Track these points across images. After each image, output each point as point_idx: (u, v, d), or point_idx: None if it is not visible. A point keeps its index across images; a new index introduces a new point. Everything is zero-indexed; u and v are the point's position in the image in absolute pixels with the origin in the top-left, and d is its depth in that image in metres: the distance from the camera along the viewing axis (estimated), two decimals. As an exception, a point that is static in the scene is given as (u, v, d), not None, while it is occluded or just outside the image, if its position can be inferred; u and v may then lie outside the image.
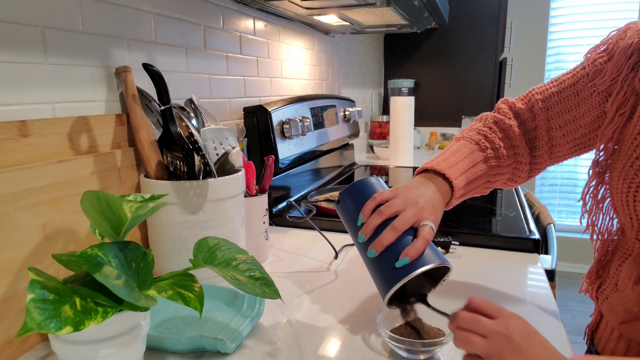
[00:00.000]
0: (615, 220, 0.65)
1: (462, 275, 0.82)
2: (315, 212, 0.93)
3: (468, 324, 0.49)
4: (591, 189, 0.66)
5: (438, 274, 0.62)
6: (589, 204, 0.66)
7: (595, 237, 0.67)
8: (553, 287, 0.84)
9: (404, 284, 0.56)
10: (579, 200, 0.69)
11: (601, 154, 0.63)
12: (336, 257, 0.91)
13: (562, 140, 0.69)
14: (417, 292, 0.62)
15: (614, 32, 0.63)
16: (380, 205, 0.62)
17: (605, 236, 0.66)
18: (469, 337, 0.48)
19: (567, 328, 0.65)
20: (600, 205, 0.65)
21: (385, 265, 0.58)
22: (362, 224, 0.61)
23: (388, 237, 0.58)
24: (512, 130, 0.71)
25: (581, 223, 0.70)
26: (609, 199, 0.64)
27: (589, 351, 0.73)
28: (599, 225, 0.66)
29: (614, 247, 0.65)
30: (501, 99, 0.75)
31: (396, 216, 0.60)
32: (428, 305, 0.58)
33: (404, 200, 0.61)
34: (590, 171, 0.65)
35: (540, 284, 0.78)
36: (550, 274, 0.87)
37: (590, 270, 0.69)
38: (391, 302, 0.58)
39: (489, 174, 0.71)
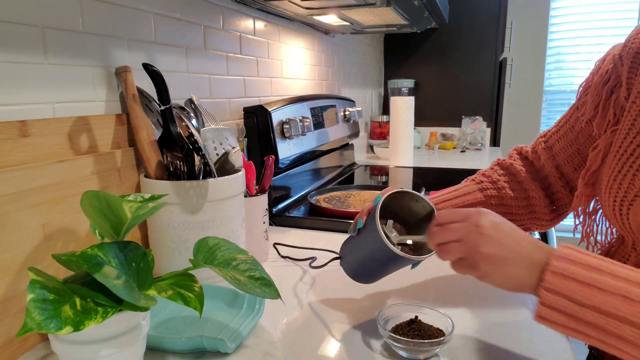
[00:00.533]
0: (614, 228, 0.65)
1: (463, 275, 0.82)
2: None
3: (440, 236, 0.53)
4: (582, 201, 0.67)
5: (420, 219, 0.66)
6: (582, 216, 0.68)
7: (591, 247, 0.68)
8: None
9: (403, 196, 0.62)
10: (570, 211, 0.70)
11: (590, 165, 0.64)
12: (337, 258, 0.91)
13: (575, 174, 0.72)
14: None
15: (598, 62, 0.66)
16: None
17: (605, 242, 0.67)
18: (446, 247, 0.52)
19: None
20: (593, 217, 0.67)
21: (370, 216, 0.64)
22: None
23: (367, 205, 0.67)
24: (513, 167, 0.76)
25: (574, 235, 0.71)
26: (601, 211, 0.65)
27: (590, 355, 0.73)
28: (594, 235, 0.67)
29: (613, 253, 0.65)
30: (514, 147, 0.81)
31: None
32: (408, 233, 0.63)
33: None
34: (579, 182, 0.67)
35: (540, 284, 0.78)
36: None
37: None
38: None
39: (488, 203, 0.74)
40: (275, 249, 0.95)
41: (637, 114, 0.56)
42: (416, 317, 0.61)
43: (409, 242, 0.65)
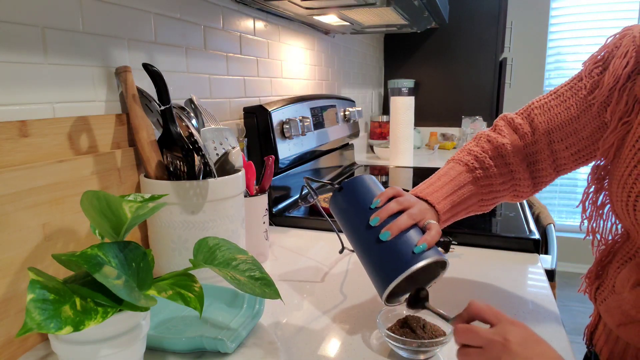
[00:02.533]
0: (619, 224, 0.64)
1: (463, 275, 0.82)
2: (314, 201, 0.90)
3: (465, 338, 0.48)
4: (590, 195, 0.65)
5: (430, 276, 0.62)
6: (589, 210, 0.66)
7: (596, 243, 0.67)
8: (553, 287, 0.84)
9: (408, 276, 0.56)
10: (577, 206, 0.69)
11: (602, 159, 0.62)
12: (341, 251, 0.91)
13: (566, 153, 0.69)
14: (410, 289, 0.62)
15: (611, 39, 0.63)
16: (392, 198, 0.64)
17: (609, 238, 0.66)
18: (467, 352, 0.48)
19: (567, 328, 0.65)
20: (601, 211, 0.65)
21: (396, 250, 0.58)
22: (376, 208, 0.63)
23: (404, 222, 0.60)
24: (504, 148, 0.71)
25: (581, 229, 0.70)
26: (609, 205, 0.64)
27: (589, 352, 0.73)
28: (600, 230, 0.66)
29: (616, 249, 0.65)
30: (500, 115, 0.76)
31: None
32: (428, 308, 0.58)
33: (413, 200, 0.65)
34: (590, 177, 0.65)
35: (540, 284, 0.78)
36: (550, 274, 0.87)
37: (589, 270, 0.69)
38: (389, 297, 0.59)
39: (480, 192, 0.72)
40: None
41: None
42: (416, 317, 0.61)
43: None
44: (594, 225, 0.66)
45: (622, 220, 0.60)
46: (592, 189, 0.65)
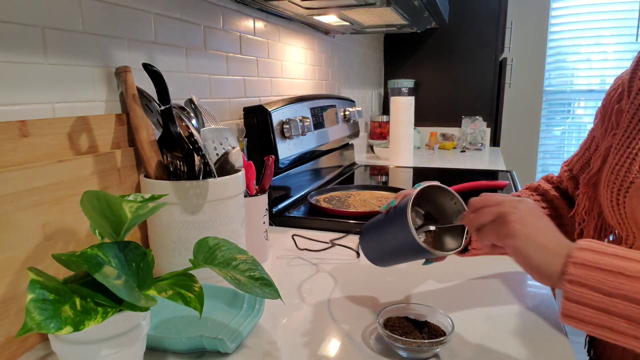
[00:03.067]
0: (615, 230, 0.65)
1: (463, 275, 0.82)
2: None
3: (481, 202, 0.54)
4: (583, 201, 0.68)
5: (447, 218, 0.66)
6: (584, 218, 0.69)
7: None
8: (553, 288, 0.84)
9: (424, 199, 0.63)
10: (571, 214, 0.71)
11: (592, 167, 0.66)
12: (358, 256, 0.92)
13: (577, 165, 0.74)
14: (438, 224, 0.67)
15: (609, 88, 0.69)
16: None
17: (605, 242, 0.67)
18: (481, 210, 0.53)
19: (567, 328, 0.64)
20: (594, 219, 0.67)
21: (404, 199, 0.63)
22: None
23: (406, 190, 0.67)
24: (542, 188, 0.79)
25: (576, 237, 0.70)
26: (601, 213, 0.65)
27: (589, 357, 0.73)
28: (594, 236, 0.68)
29: None
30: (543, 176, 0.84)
31: None
32: (437, 224, 0.63)
33: None
34: (580, 183, 0.69)
35: (540, 284, 0.78)
36: (550, 274, 0.87)
37: None
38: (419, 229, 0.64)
39: None
40: (294, 239, 0.97)
41: (635, 111, 0.57)
42: (411, 317, 0.61)
43: (432, 230, 0.67)
44: (588, 230, 0.68)
45: (611, 222, 0.62)
46: (584, 196, 0.68)
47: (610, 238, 0.67)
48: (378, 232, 0.66)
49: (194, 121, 0.79)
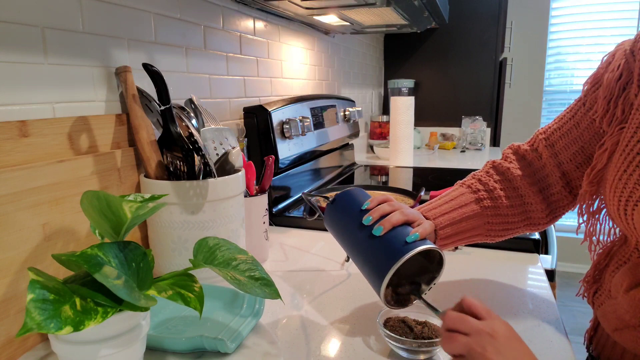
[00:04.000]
0: (617, 228, 0.64)
1: (463, 275, 0.82)
2: (318, 214, 0.92)
3: (454, 323, 0.50)
4: (586, 200, 0.66)
5: (428, 276, 0.62)
6: (585, 215, 0.67)
7: (593, 247, 0.67)
8: (553, 287, 0.84)
9: (405, 265, 0.57)
10: (574, 208, 0.69)
11: (596, 163, 0.63)
12: (347, 259, 0.91)
13: (578, 173, 0.69)
14: (411, 282, 0.63)
15: (605, 57, 0.64)
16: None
17: (607, 242, 0.66)
18: (453, 336, 0.49)
19: (567, 328, 0.65)
20: (597, 215, 0.65)
21: (389, 243, 0.59)
22: (367, 210, 0.64)
23: (397, 218, 0.61)
24: (510, 172, 0.72)
25: (577, 234, 0.70)
26: (604, 210, 0.64)
27: (589, 356, 0.73)
28: (597, 234, 0.66)
29: (613, 253, 0.65)
30: (509, 145, 0.77)
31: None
32: (422, 298, 0.59)
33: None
34: (584, 180, 0.65)
35: (540, 284, 0.78)
36: (550, 274, 0.87)
37: (587, 274, 0.68)
38: (388, 286, 0.59)
39: (485, 215, 0.70)
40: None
41: None
42: (410, 317, 0.61)
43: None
44: (591, 229, 0.66)
45: (617, 223, 0.60)
46: (587, 193, 0.65)
47: (612, 238, 0.66)
48: (348, 231, 0.64)
49: (194, 121, 0.79)
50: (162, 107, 0.71)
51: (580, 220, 0.67)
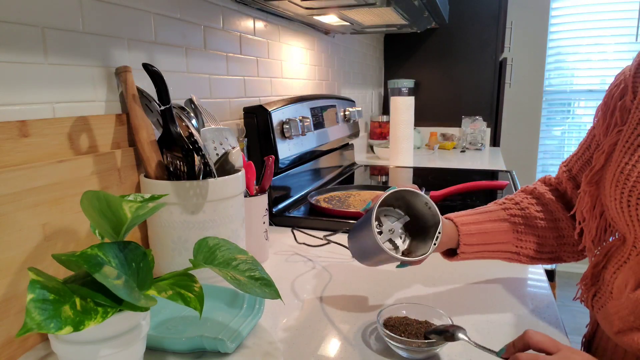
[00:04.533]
0: (615, 230, 0.65)
1: (463, 276, 0.82)
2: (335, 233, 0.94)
3: None
4: (585, 201, 0.67)
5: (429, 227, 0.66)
6: (584, 217, 0.67)
7: (592, 248, 0.68)
8: (553, 287, 0.84)
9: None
10: (572, 212, 0.70)
11: (594, 164, 0.64)
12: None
13: (578, 164, 0.72)
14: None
15: (610, 85, 0.67)
16: None
17: (603, 243, 0.66)
18: None
19: (567, 328, 0.64)
20: (595, 216, 0.66)
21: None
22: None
23: None
24: (537, 191, 0.76)
25: (576, 237, 0.70)
26: (603, 211, 0.64)
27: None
28: (594, 235, 0.67)
29: (611, 254, 0.65)
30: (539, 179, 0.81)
31: None
32: (473, 342, 0.56)
33: None
34: (582, 181, 0.67)
35: (540, 284, 0.78)
36: (550, 274, 0.87)
37: (585, 276, 0.68)
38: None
39: (512, 222, 0.72)
40: (293, 233, 0.97)
41: None
42: (410, 317, 0.61)
43: (404, 233, 0.67)
44: (589, 230, 0.67)
45: (617, 221, 0.60)
46: (586, 194, 0.66)
47: (610, 239, 0.66)
48: (356, 232, 0.68)
49: (194, 121, 0.79)
50: (162, 107, 0.71)
51: (579, 222, 0.68)
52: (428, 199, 0.64)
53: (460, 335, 0.54)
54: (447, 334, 0.55)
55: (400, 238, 0.68)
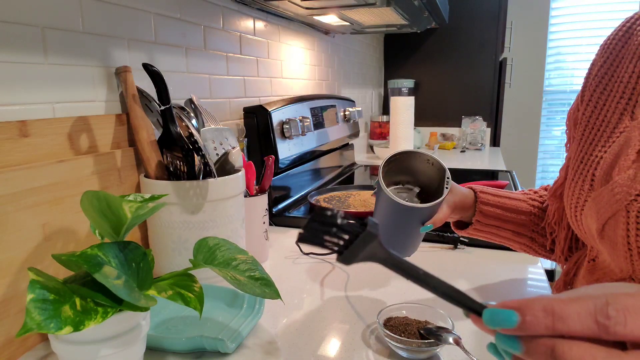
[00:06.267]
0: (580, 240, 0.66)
1: (463, 275, 0.82)
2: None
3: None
4: (552, 213, 0.68)
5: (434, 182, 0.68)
6: (554, 228, 0.69)
7: (562, 258, 0.69)
8: (553, 287, 0.84)
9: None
10: (543, 224, 0.70)
11: (557, 179, 0.65)
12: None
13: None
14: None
15: None
16: None
17: (574, 252, 0.67)
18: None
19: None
20: (563, 229, 0.67)
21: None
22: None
23: None
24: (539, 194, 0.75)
25: (548, 247, 0.71)
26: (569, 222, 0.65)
27: None
28: (563, 246, 0.68)
29: (580, 262, 0.65)
30: None
31: None
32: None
33: None
34: (548, 195, 0.68)
35: (540, 284, 0.78)
36: (550, 274, 0.87)
37: (557, 284, 0.69)
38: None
39: (532, 213, 0.72)
40: (299, 246, 0.96)
41: (586, 124, 0.57)
42: (410, 317, 0.61)
43: (415, 192, 0.68)
44: (558, 242, 0.68)
45: (576, 231, 0.61)
46: (552, 207, 0.68)
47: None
48: (378, 218, 0.68)
49: (194, 121, 0.79)
50: (162, 107, 0.71)
51: (550, 234, 0.69)
52: (429, 155, 0.65)
53: (450, 340, 0.55)
54: (440, 337, 0.56)
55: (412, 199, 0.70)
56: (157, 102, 0.71)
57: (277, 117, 1.17)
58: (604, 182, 0.52)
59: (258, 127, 1.14)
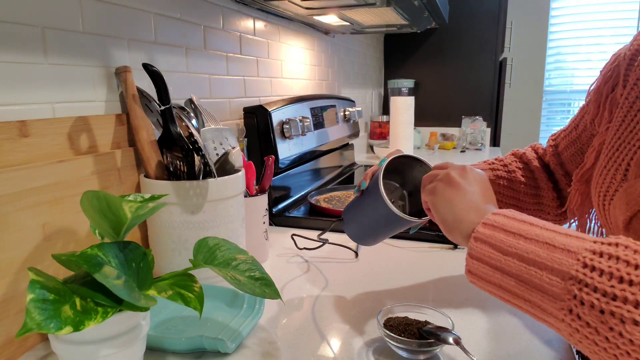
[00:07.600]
0: (604, 229, 0.65)
1: (463, 276, 0.82)
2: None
3: (427, 179, 0.59)
4: (576, 198, 0.67)
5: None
6: (576, 215, 0.68)
7: None
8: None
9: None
10: (564, 209, 0.70)
11: (585, 162, 0.64)
12: (357, 255, 0.92)
13: (567, 153, 0.72)
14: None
15: (606, 63, 0.66)
16: None
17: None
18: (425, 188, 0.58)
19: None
20: (586, 215, 0.67)
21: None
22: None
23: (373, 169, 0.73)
24: (526, 156, 0.77)
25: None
26: (593, 209, 0.65)
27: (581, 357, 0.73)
28: (587, 232, 0.67)
29: None
30: (530, 145, 0.82)
31: None
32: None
33: None
34: (573, 178, 0.67)
35: (540, 284, 0.78)
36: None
37: None
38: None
39: (496, 183, 0.73)
40: (293, 240, 0.97)
41: (628, 109, 0.55)
42: (409, 317, 0.61)
43: (406, 198, 0.70)
44: (580, 229, 0.67)
45: (601, 221, 0.61)
46: (577, 192, 0.67)
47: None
48: (358, 213, 0.69)
49: (194, 121, 0.79)
50: (162, 107, 0.71)
51: (572, 220, 0.69)
52: (423, 161, 0.67)
53: (450, 340, 0.55)
54: (440, 337, 0.56)
55: (400, 204, 0.71)
56: (157, 102, 0.71)
57: (277, 117, 1.17)
58: (638, 174, 0.51)
59: (258, 127, 1.14)
